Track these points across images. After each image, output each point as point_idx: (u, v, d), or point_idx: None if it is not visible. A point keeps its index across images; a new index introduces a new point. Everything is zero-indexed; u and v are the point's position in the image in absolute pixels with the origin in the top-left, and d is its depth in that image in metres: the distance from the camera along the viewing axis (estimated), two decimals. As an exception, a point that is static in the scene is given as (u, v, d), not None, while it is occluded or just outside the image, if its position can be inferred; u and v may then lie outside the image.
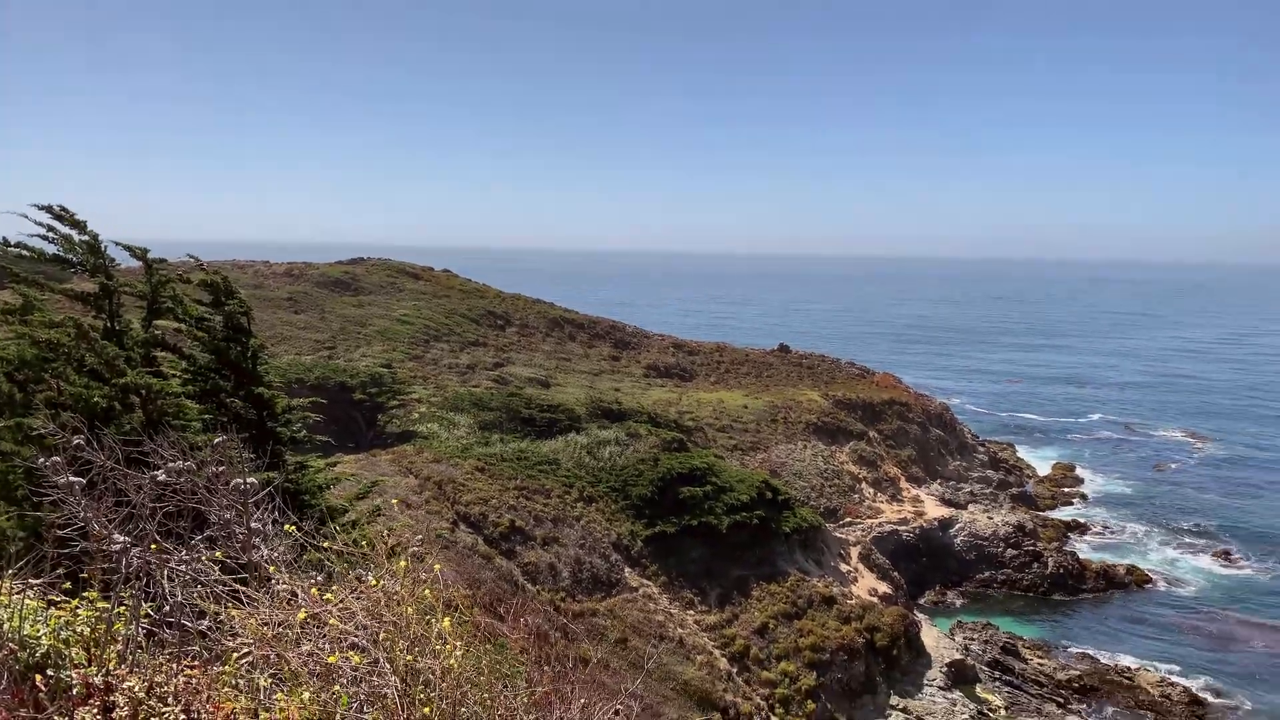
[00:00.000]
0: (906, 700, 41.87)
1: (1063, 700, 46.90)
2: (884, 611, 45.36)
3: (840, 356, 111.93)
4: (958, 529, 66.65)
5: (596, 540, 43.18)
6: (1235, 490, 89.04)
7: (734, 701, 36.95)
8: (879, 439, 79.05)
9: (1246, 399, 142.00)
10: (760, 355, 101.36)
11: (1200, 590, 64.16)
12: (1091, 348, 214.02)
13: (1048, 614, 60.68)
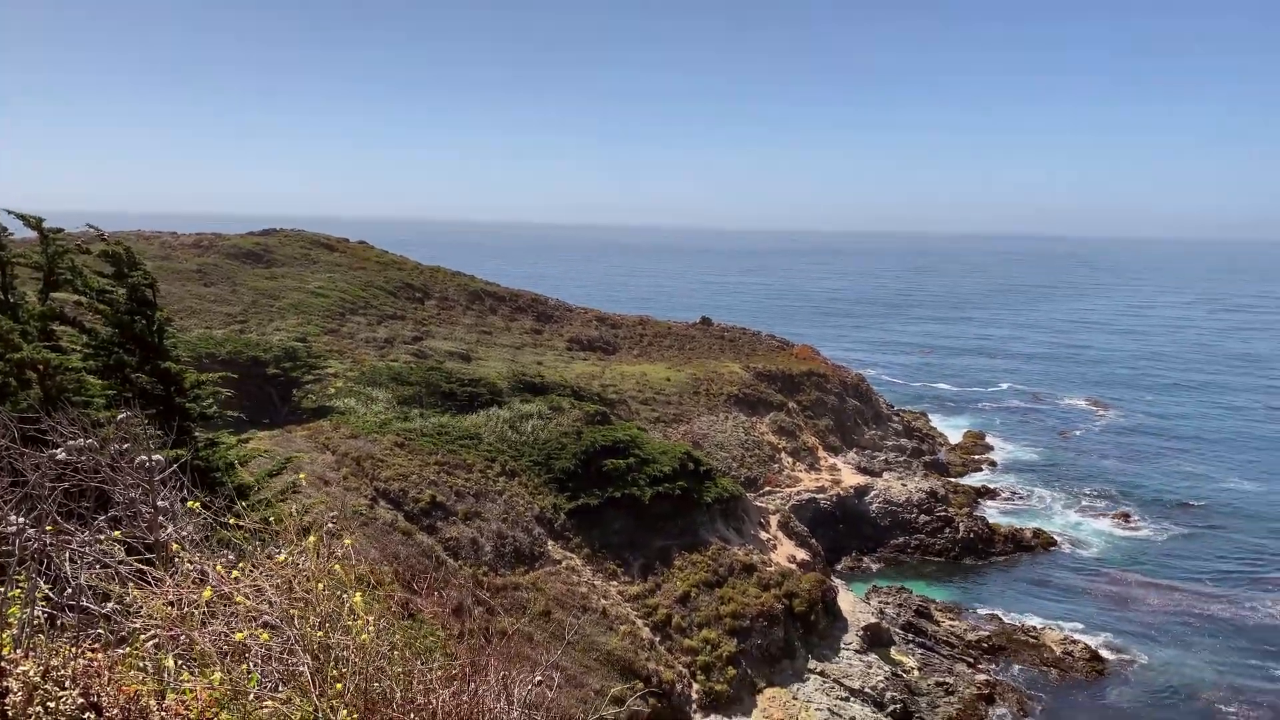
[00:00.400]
0: (824, 664, 42.96)
1: (972, 660, 48.70)
2: (802, 578, 46.35)
3: (761, 329, 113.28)
4: (873, 496, 68.36)
5: (519, 514, 43.09)
6: (1133, 456, 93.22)
7: (656, 670, 37.43)
8: (798, 409, 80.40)
9: (1143, 368, 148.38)
10: (682, 328, 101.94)
11: (1101, 552, 67.11)
12: (1001, 320, 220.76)
13: (959, 577, 62.81)
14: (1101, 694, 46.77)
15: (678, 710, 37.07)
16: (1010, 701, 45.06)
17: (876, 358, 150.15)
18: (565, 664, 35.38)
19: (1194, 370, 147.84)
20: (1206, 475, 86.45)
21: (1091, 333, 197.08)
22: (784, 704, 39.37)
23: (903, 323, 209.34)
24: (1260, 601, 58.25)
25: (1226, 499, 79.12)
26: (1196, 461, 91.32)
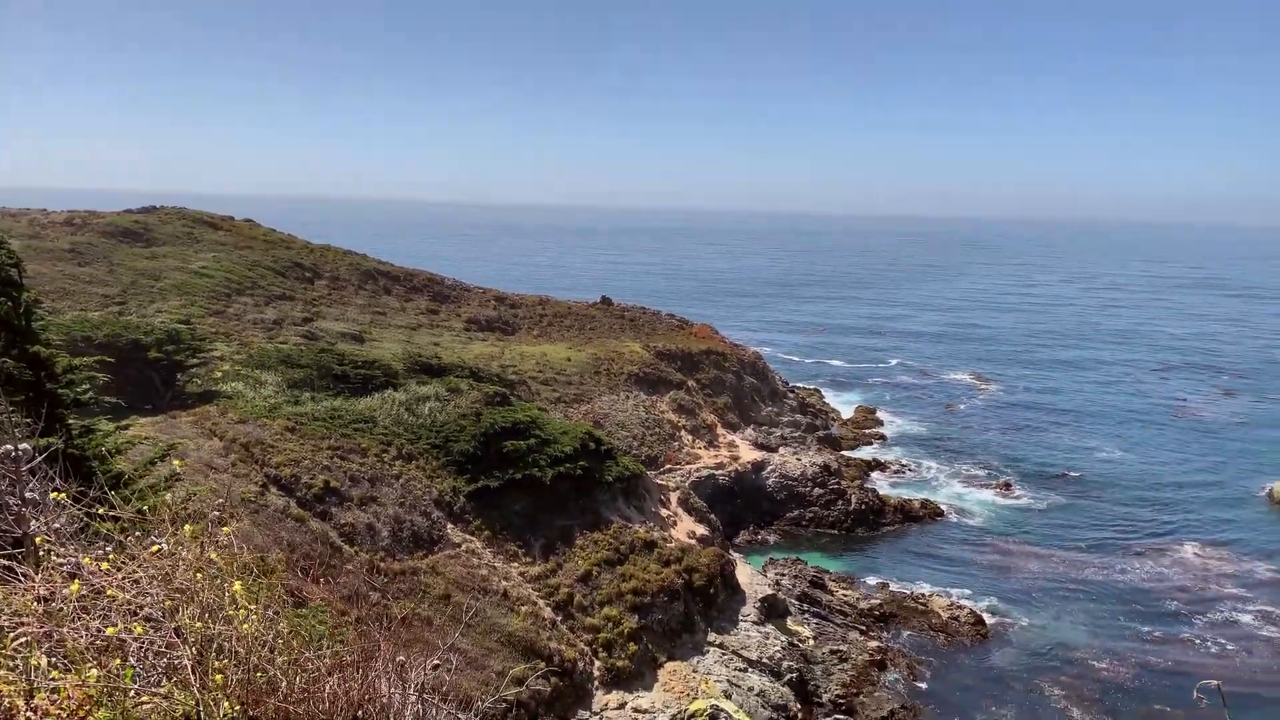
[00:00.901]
0: (723, 636, 43.79)
1: (865, 628, 50.35)
2: (702, 553, 47.07)
3: (660, 309, 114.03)
4: (770, 471, 69.79)
5: (417, 498, 42.49)
6: (1014, 428, 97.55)
7: (558, 649, 37.54)
8: (697, 388, 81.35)
9: (1024, 345, 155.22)
10: (583, 308, 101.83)
11: (985, 521, 70.10)
12: (891, 298, 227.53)
13: (852, 548, 64.77)
14: (986, 656, 48.97)
15: (580, 688, 37.30)
16: (901, 666, 46.80)
17: (773, 336, 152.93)
18: (466, 647, 35.17)
19: (1071, 346, 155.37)
20: (1082, 446, 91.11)
21: (977, 311, 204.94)
22: (684, 677, 40.01)
23: (797, 302, 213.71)
24: (1130, 565, 61.81)
25: (1100, 469, 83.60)
26: (1073, 433, 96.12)
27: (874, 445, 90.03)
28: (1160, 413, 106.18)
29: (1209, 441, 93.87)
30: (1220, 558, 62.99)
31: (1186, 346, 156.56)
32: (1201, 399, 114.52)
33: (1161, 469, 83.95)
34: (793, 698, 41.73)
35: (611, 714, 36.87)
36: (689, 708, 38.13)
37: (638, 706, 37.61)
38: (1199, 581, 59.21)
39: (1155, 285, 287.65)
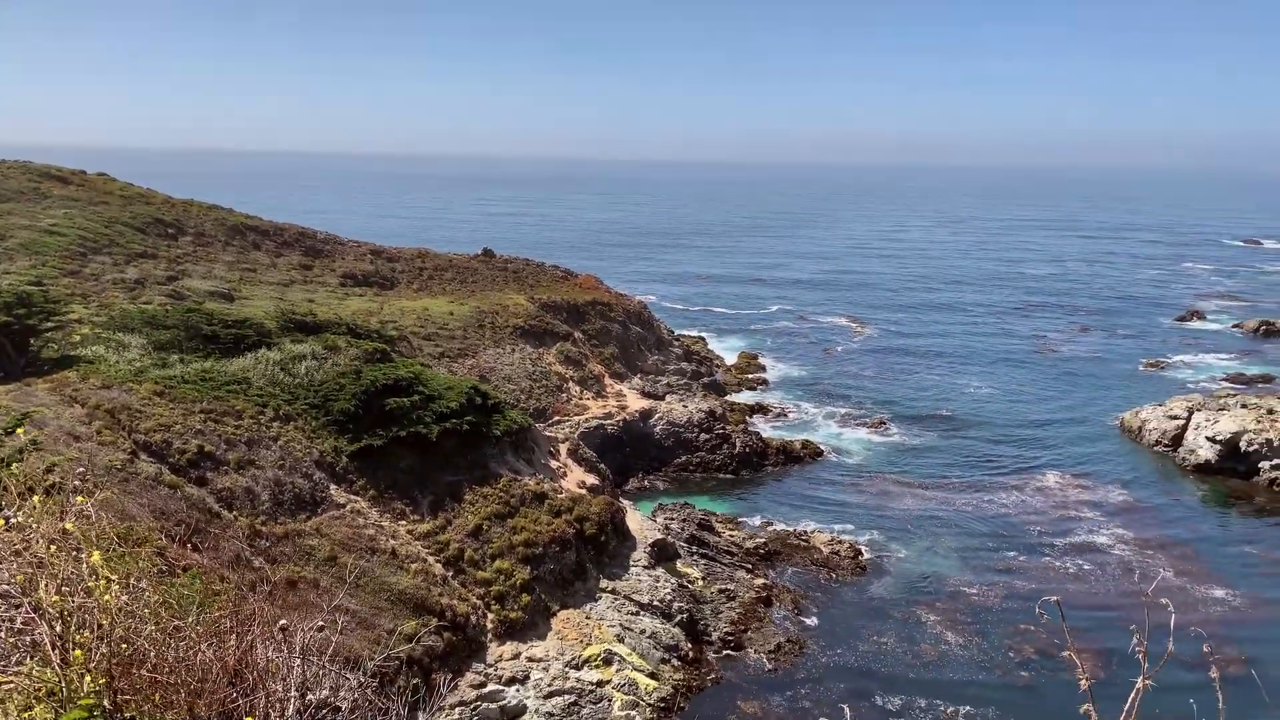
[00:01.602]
0: (615, 582, 44.44)
1: (751, 566, 51.88)
2: (592, 502, 47.46)
3: (544, 260, 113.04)
4: (657, 419, 70.65)
5: (298, 459, 41.35)
6: (888, 369, 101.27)
7: (450, 604, 37.42)
8: (583, 339, 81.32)
9: (897, 289, 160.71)
10: (464, 261, 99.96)
11: (863, 459, 72.81)
12: (772, 246, 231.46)
13: (738, 490, 66.42)
14: (866, 588, 51.18)
15: (473, 641, 37.34)
16: (785, 602, 48.49)
17: (657, 285, 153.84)
18: (355, 607, 34.69)
19: (941, 289, 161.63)
20: (952, 385, 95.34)
21: (853, 256, 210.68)
22: (578, 624, 40.50)
23: (681, 250, 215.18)
24: (997, 496, 65.34)
25: (969, 406, 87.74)
26: (943, 373, 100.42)
27: (757, 390, 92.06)
28: (1023, 351, 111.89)
29: (1067, 377, 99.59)
30: (1078, 486, 67.21)
31: (1046, 287, 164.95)
32: (1061, 336, 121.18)
33: (1025, 404, 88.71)
34: (684, 637, 42.80)
35: (506, 665, 37.09)
36: (583, 654, 38.71)
37: (532, 656, 37.94)
38: (1059, 509, 63.09)
39: (1017, 227, 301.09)
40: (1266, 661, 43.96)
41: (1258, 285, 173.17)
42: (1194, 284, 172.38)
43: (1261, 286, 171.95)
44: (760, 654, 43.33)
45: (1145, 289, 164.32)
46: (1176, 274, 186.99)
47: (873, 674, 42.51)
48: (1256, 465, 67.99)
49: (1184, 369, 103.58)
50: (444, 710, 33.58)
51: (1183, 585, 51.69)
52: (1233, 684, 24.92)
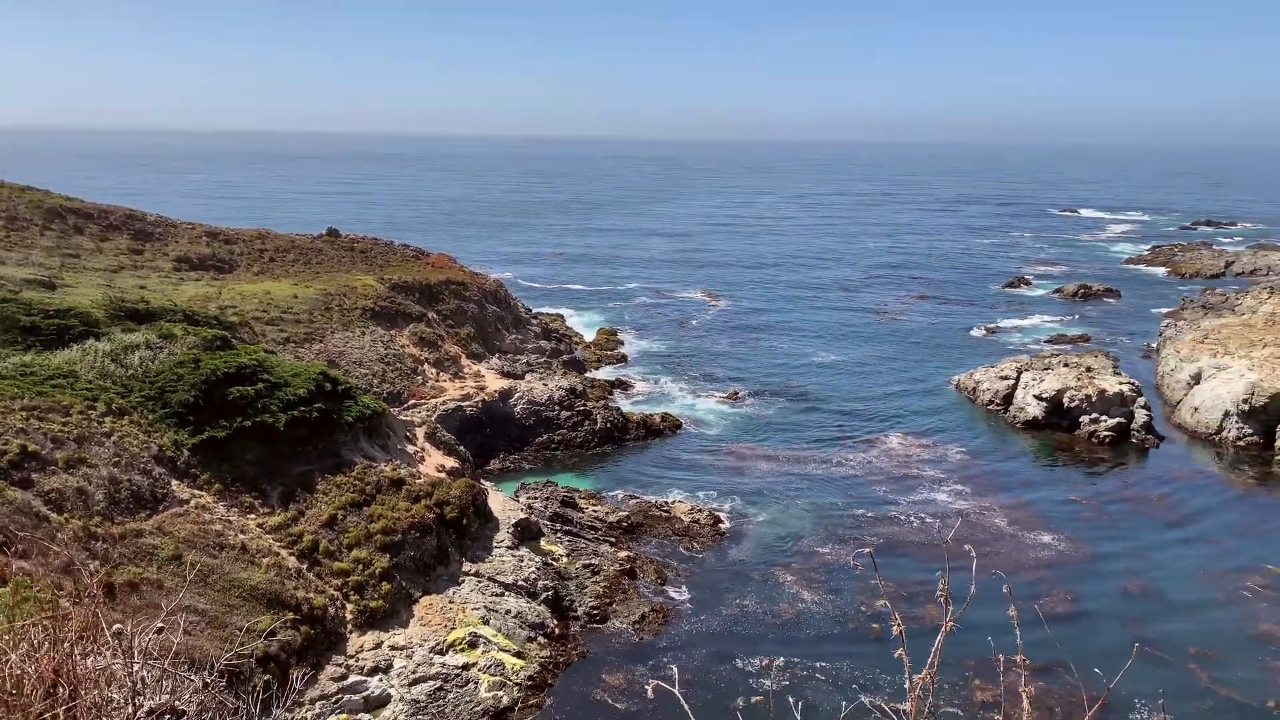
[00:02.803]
0: (478, 564, 44.08)
1: (614, 540, 52.45)
2: (452, 485, 46.82)
3: (394, 239, 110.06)
4: (517, 398, 70.22)
5: (134, 455, 39.03)
6: (740, 341, 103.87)
7: (306, 597, 36.28)
8: (438, 319, 79.80)
9: (749, 263, 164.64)
10: (307, 241, 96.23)
11: (720, 429, 74.53)
12: (627, 222, 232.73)
13: (600, 465, 66.89)
14: (726, 553, 52.56)
15: (333, 633, 36.36)
16: (649, 572, 49.27)
17: (513, 264, 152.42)
18: (204, 606, 33.19)
19: (789, 261, 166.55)
20: (802, 354, 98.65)
21: (706, 231, 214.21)
22: (441, 609, 40.01)
23: (535, 228, 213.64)
24: (845, 458, 68.16)
25: (818, 373, 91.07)
26: (793, 343, 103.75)
27: (617, 365, 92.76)
28: (866, 320, 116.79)
29: (907, 343, 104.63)
30: (920, 446, 70.87)
31: (885, 259, 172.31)
32: (900, 305, 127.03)
33: (869, 371, 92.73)
34: (549, 615, 42.94)
35: (367, 655, 36.30)
36: (447, 638, 38.31)
37: (394, 644, 37.26)
38: (903, 468, 66.40)
39: (859, 201, 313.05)
40: (1087, 598, 47.75)
41: (1076, 251, 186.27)
42: (1021, 252, 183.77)
43: (1079, 253, 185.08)
44: (625, 625, 43.95)
45: (977, 258, 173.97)
46: (1005, 243, 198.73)
47: (734, 636, 43.80)
48: (1078, 420, 73.38)
49: (1013, 332, 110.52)
50: (303, 705, 32.62)
51: (1015, 533, 55.44)
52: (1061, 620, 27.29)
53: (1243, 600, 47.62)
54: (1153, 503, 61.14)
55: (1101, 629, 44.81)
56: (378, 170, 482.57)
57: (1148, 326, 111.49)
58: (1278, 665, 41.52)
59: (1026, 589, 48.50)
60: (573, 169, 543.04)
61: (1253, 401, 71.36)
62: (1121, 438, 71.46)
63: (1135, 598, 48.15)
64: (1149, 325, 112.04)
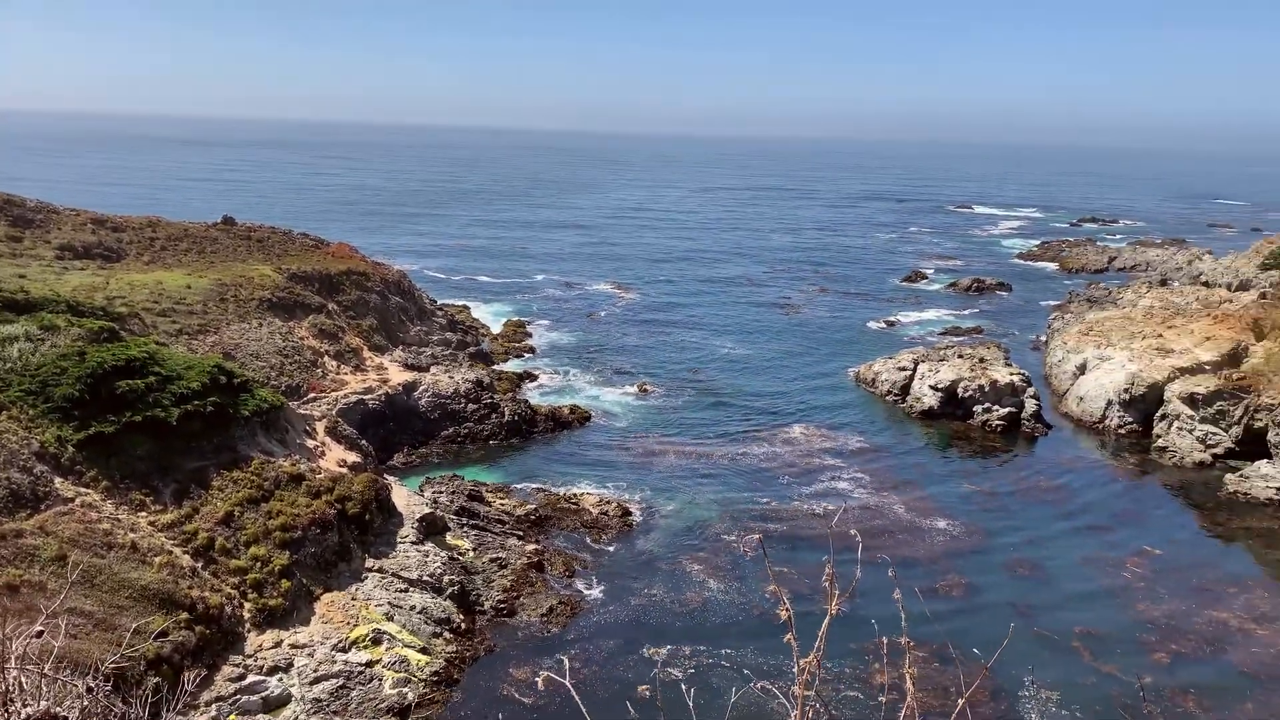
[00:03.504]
0: (382, 560, 43.32)
1: (523, 533, 52.15)
2: (354, 480, 45.89)
3: (292, 227, 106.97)
4: (422, 391, 69.14)
5: (14, 452, 37.11)
6: (649, 333, 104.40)
7: (202, 596, 35.09)
8: (339, 310, 77.98)
9: (658, 254, 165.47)
10: (202, 230, 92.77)
11: (628, 420, 74.80)
12: (535, 213, 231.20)
13: (507, 458, 66.39)
14: (634, 544, 52.83)
15: (229, 633, 35.26)
16: (557, 565, 49.18)
17: (417, 254, 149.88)
18: (90, 608, 31.81)
19: (697, 253, 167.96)
20: (709, 346, 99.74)
21: (614, 222, 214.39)
22: (343, 606, 39.20)
23: (441, 218, 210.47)
24: (750, 449, 69.21)
25: (724, 365, 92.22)
26: (700, 335, 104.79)
27: (525, 357, 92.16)
28: (770, 313, 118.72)
29: (809, 335, 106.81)
30: (822, 436, 72.44)
31: (789, 254, 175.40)
32: (803, 298, 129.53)
33: (773, 362, 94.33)
34: (455, 609, 42.49)
35: (266, 654, 35.33)
36: (350, 635, 37.59)
37: (295, 643, 36.35)
38: (806, 457, 67.79)
39: (763, 196, 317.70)
40: (981, 583, 49.63)
41: (970, 247, 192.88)
42: (919, 247, 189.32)
43: (973, 248, 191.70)
44: (533, 619, 43.80)
45: (877, 253, 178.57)
46: (903, 238, 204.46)
47: (642, 626, 44.10)
48: (971, 409, 76.06)
49: (910, 325, 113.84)
50: (198, 708, 31.57)
51: (913, 520, 57.19)
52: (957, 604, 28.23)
53: (1124, 582, 50.16)
54: (1042, 489, 63.82)
55: (994, 612, 46.62)
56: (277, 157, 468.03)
57: (1037, 319, 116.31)
58: (1153, 642, 43.90)
59: (924, 574, 50.16)
60: (479, 159, 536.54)
61: (1133, 391, 75.13)
62: (1013, 426, 74.39)
63: (1026, 581, 50.25)
64: (1038, 318, 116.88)
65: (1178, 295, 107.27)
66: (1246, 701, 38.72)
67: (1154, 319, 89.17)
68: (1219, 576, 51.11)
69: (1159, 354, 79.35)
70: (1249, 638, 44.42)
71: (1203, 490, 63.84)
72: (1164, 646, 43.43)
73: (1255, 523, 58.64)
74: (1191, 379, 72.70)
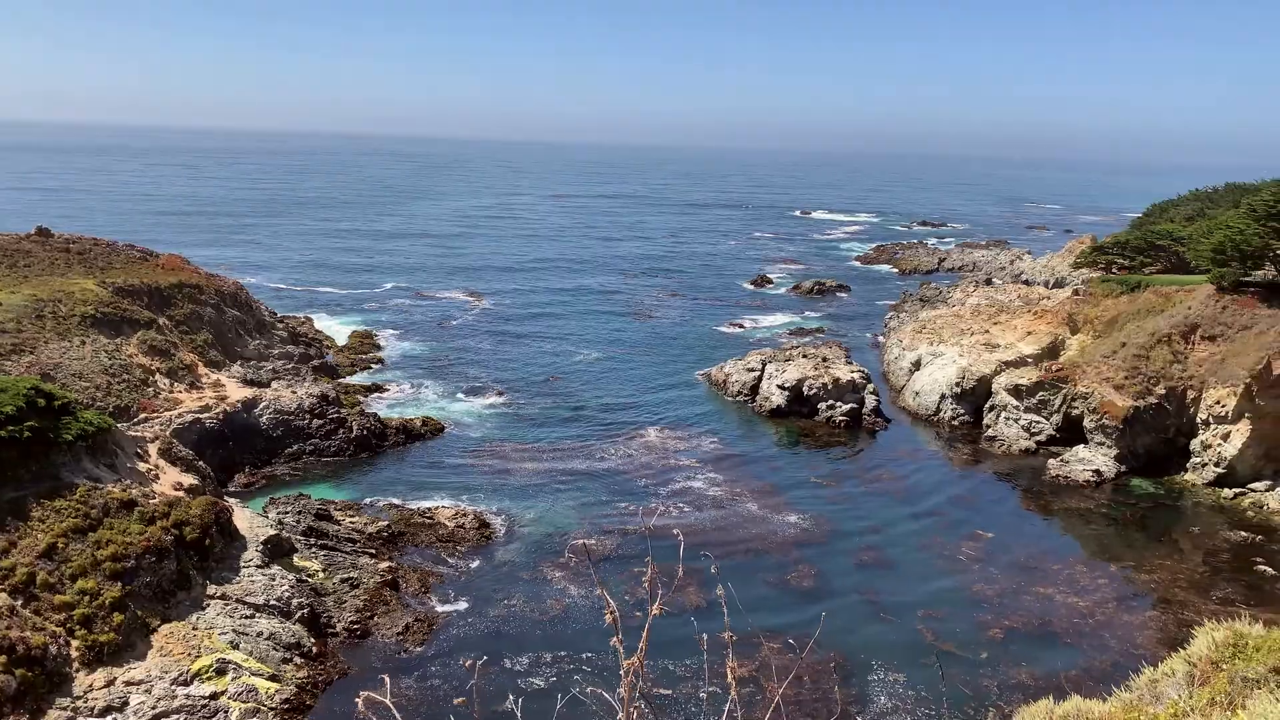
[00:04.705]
0: (224, 586, 41.24)
1: (375, 551, 50.64)
2: (192, 504, 43.51)
3: (118, 239, 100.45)
4: (263, 408, 66.27)
5: None
6: (502, 340, 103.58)
7: (21, 637, 32.47)
8: (171, 326, 73.79)
9: (511, 261, 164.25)
10: (12, 241, 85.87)
11: (483, 430, 73.86)
12: (382, 220, 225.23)
13: (357, 474, 64.37)
14: (493, 555, 52.20)
15: (54, 674, 32.77)
16: (412, 582, 48.05)
17: (256, 265, 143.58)
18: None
19: (552, 258, 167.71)
20: (561, 353, 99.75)
21: (465, 231, 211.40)
22: (183, 637, 37.09)
23: (281, 227, 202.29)
24: (607, 453, 69.62)
25: (579, 370, 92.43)
26: (555, 341, 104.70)
27: (373, 369, 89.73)
28: (624, 318, 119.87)
29: (663, 339, 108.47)
30: (676, 438, 73.62)
31: (643, 259, 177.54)
32: (655, 302, 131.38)
33: (627, 367, 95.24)
34: (306, 633, 40.89)
35: (98, 694, 33.03)
36: (192, 667, 35.63)
37: (130, 679, 34.14)
38: (661, 460, 68.73)
39: (614, 203, 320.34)
40: (829, 572, 51.56)
41: (811, 251, 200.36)
42: (764, 251, 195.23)
43: (814, 251, 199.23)
44: (388, 638, 42.66)
45: (725, 258, 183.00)
46: (750, 243, 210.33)
47: (502, 637, 43.64)
48: (817, 406, 78.95)
49: (758, 327, 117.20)
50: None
51: (764, 515, 58.88)
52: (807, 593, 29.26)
53: (960, 564, 53.15)
54: (884, 480, 66.89)
55: (843, 600, 48.52)
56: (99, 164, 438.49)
57: (875, 319, 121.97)
58: (988, 620, 46.69)
59: (775, 567, 51.72)
60: (322, 165, 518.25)
61: (963, 385, 79.76)
62: (855, 422, 77.66)
63: (871, 569, 52.51)
64: (876, 317, 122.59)
65: (1001, 293, 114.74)
66: (1072, 669, 41.67)
67: (981, 316, 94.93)
68: (1044, 554, 54.88)
69: (986, 349, 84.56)
70: (1073, 611, 47.87)
71: (1029, 475, 68.39)
72: (998, 623, 46.26)
73: (1075, 503, 63.27)
74: (1015, 371, 77.81)
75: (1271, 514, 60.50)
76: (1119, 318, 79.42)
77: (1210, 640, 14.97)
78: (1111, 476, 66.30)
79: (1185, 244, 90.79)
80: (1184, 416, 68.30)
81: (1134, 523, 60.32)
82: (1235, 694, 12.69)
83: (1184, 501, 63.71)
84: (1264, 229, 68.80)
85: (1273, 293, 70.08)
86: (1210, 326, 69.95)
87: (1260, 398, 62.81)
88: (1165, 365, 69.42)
